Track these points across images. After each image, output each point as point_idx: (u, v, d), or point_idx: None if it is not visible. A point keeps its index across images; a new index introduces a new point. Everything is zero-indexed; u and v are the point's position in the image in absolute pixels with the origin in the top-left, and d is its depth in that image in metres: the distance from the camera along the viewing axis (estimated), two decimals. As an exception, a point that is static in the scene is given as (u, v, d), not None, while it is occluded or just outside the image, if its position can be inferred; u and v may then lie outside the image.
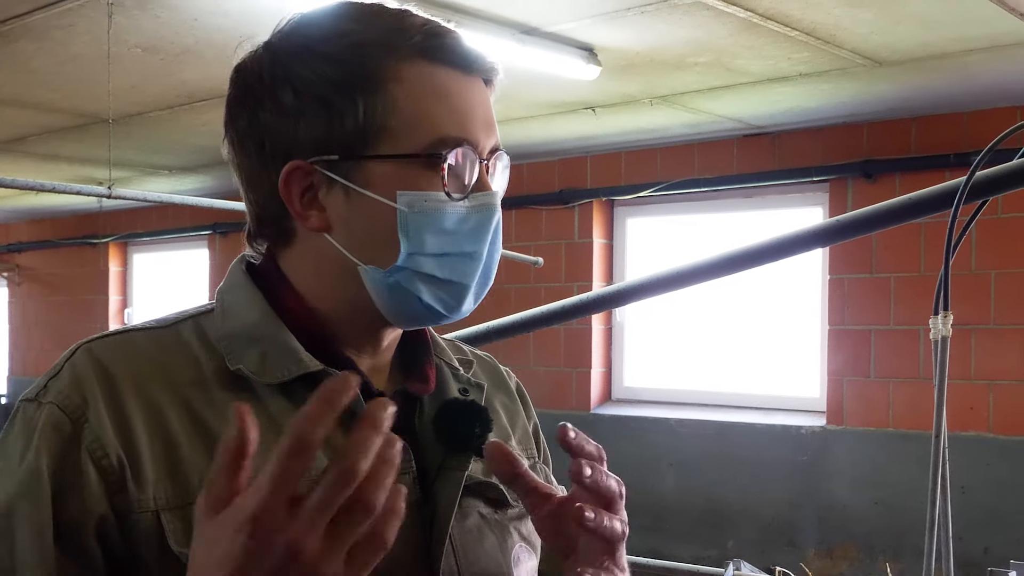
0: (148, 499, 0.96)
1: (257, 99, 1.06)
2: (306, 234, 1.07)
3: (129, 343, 1.06)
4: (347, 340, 1.10)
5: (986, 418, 5.24)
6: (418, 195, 1.03)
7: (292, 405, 1.03)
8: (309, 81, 1.03)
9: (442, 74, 1.04)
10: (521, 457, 1.20)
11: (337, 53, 1.03)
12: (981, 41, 4.06)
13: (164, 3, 3.69)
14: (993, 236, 5.15)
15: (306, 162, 1.04)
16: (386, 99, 1.02)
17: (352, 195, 1.04)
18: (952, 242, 2.02)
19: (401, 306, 1.07)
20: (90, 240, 9.49)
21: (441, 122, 1.03)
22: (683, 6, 3.66)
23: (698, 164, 6.15)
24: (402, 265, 1.04)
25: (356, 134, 1.02)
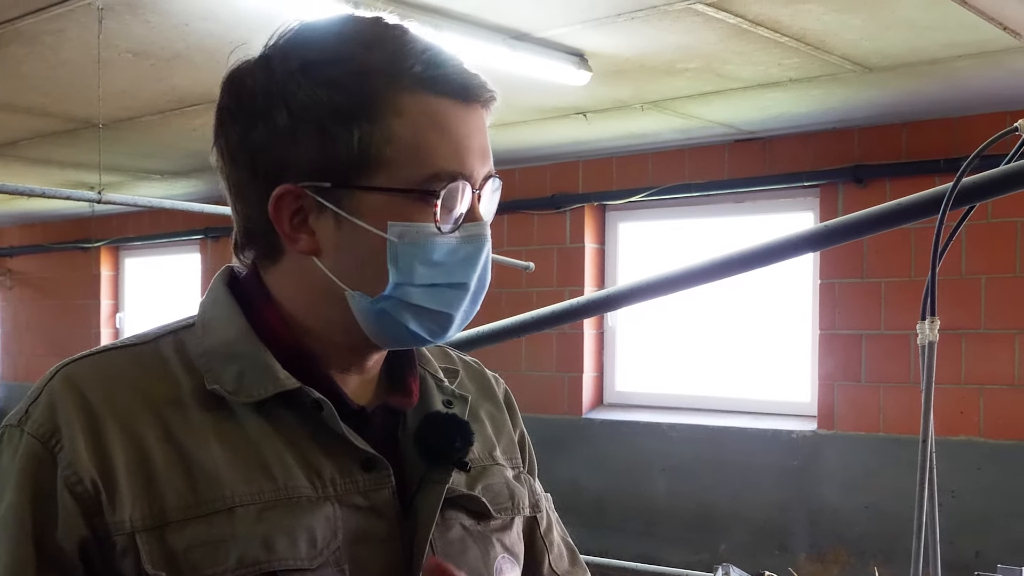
0: (124, 521, 0.97)
1: (250, 115, 1.04)
2: (294, 254, 1.07)
3: (107, 364, 1.06)
4: (333, 358, 1.10)
5: (976, 422, 5.25)
6: (409, 227, 1.02)
7: (270, 423, 1.04)
8: (305, 105, 1.01)
9: (441, 105, 1.03)
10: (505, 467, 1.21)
11: (336, 79, 1.01)
12: (970, 47, 4.08)
13: (155, 8, 3.69)
14: (983, 241, 5.17)
15: (297, 186, 1.03)
16: (384, 130, 1.01)
17: (343, 222, 1.03)
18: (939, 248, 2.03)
19: (387, 332, 1.07)
20: (82, 244, 9.47)
21: (438, 156, 1.02)
22: (673, 12, 3.67)
23: (689, 169, 6.16)
24: (390, 295, 1.04)
25: (351, 163, 1.02)
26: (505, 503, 1.18)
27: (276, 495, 1.00)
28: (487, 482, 1.17)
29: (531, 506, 1.22)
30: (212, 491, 0.99)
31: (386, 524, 1.05)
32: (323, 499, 1.02)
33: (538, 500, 1.24)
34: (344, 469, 1.05)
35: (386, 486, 1.06)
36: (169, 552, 0.96)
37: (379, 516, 1.05)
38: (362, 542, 1.03)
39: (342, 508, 1.03)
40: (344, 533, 1.02)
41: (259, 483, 1.00)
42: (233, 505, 0.98)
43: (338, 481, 1.04)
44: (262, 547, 0.98)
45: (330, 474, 1.04)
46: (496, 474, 1.19)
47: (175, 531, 0.97)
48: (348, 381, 1.11)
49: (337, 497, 1.03)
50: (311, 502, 1.02)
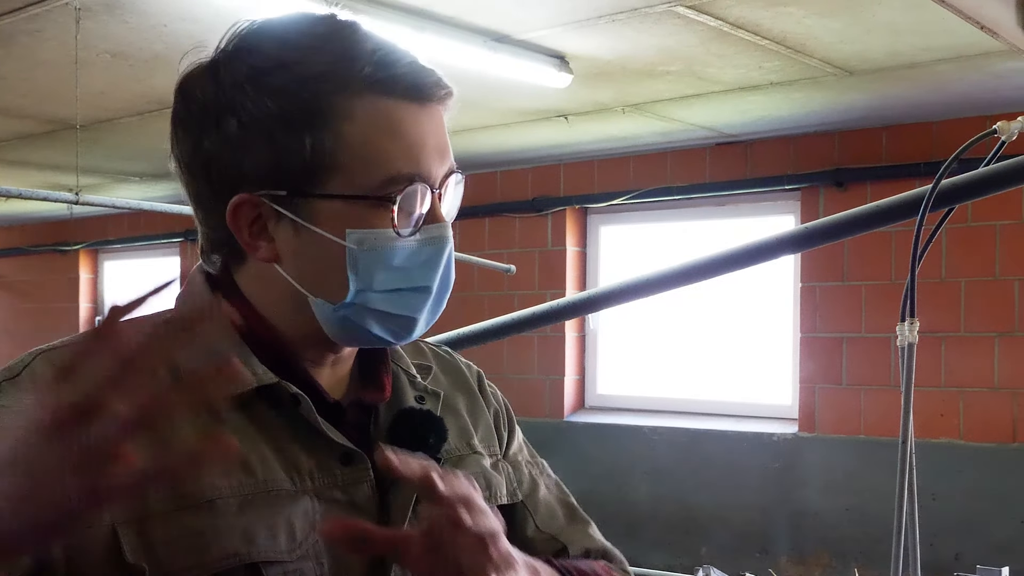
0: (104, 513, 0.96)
1: (201, 125, 1.03)
2: (256, 261, 1.07)
3: None
4: (304, 353, 1.10)
5: (956, 425, 5.27)
6: (368, 233, 1.01)
7: (247, 418, 1.03)
8: (253, 115, 1.00)
9: (393, 108, 1.02)
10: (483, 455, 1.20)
11: (283, 86, 1.00)
12: (949, 51, 4.10)
13: (133, 9, 3.67)
14: (963, 244, 5.19)
15: (254, 195, 1.02)
16: (336, 136, 1.00)
17: (301, 229, 1.03)
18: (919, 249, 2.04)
19: (350, 336, 1.07)
20: (60, 247, 9.41)
21: (392, 159, 1.01)
22: (654, 15, 3.67)
23: (671, 172, 6.17)
24: (351, 301, 1.03)
25: (304, 170, 1.01)
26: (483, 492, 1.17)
27: (255, 488, 1.00)
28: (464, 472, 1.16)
29: (509, 494, 1.22)
30: (192, 484, 0.98)
31: (364, 518, 1.05)
32: (302, 493, 1.02)
33: (515, 488, 1.23)
34: (322, 463, 1.05)
35: (364, 480, 1.06)
36: (149, 544, 0.96)
37: (357, 510, 1.05)
38: None
39: (321, 502, 1.03)
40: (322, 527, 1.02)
41: (238, 477, 1.00)
42: (213, 498, 0.98)
43: (316, 475, 1.04)
44: (242, 539, 0.98)
45: (308, 468, 1.04)
46: (473, 463, 1.18)
47: (155, 523, 0.96)
48: (321, 375, 1.11)
49: (316, 491, 1.03)
50: (290, 496, 1.01)
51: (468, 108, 5.33)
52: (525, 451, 1.30)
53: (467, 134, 5.62)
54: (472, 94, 4.74)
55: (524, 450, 1.29)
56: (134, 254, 9.21)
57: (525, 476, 1.25)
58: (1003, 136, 2.04)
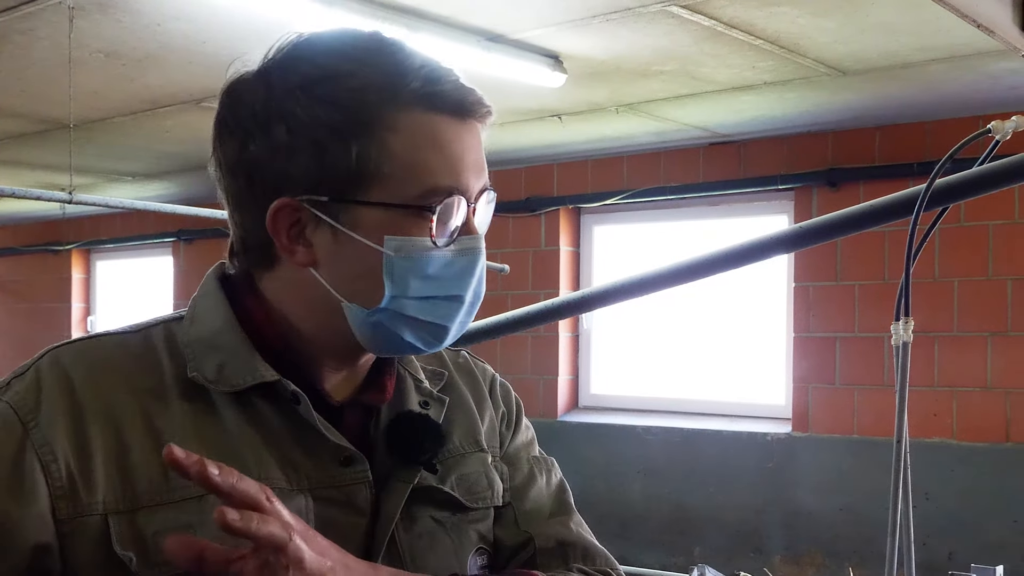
0: (97, 503, 0.99)
1: (248, 131, 1.06)
2: (290, 264, 1.08)
3: (96, 350, 1.08)
4: (323, 359, 1.11)
5: (950, 425, 5.28)
6: (406, 241, 1.04)
7: (247, 413, 1.05)
8: (303, 122, 1.03)
9: (438, 122, 1.04)
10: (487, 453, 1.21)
11: (334, 96, 1.03)
12: (942, 51, 4.10)
13: (126, 8, 3.66)
14: (956, 244, 5.20)
15: (295, 200, 1.04)
16: (381, 146, 1.03)
17: (340, 235, 1.05)
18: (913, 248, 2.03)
19: (382, 342, 1.08)
20: (53, 247, 9.40)
21: (434, 172, 1.04)
22: (648, 14, 3.67)
23: (664, 172, 6.17)
24: (386, 307, 1.05)
25: (348, 178, 1.03)
26: (483, 492, 1.19)
27: None
28: (464, 471, 1.18)
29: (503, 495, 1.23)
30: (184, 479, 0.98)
31: (359, 518, 1.07)
32: (296, 491, 1.04)
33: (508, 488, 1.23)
34: (319, 463, 1.06)
35: (363, 481, 1.07)
36: (139, 535, 0.98)
37: (354, 510, 1.07)
38: (333, 535, 1.03)
39: (315, 501, 1.05)
40: (315, 525, 1.03)
41: None
42: (204, 493, 0.99)
43: (312, 475, 1.05)
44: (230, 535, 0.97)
45: (305, 468, 1.05)
46: (475, 462, 1.20)
47: (145, 515, 0.99)
48: (334, 379, 1.12)
49: (311, 490, 1.05)
50: (284, 494, 1.02)
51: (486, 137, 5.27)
52: (533, 448, 1.31)
53: (461, 134, 5.61)
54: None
55: (532, 446, 1.30)
56: (127, 254, 9.20)
57: (523, 470, 1.26)
58: (997, 135, 2.04)
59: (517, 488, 1.24)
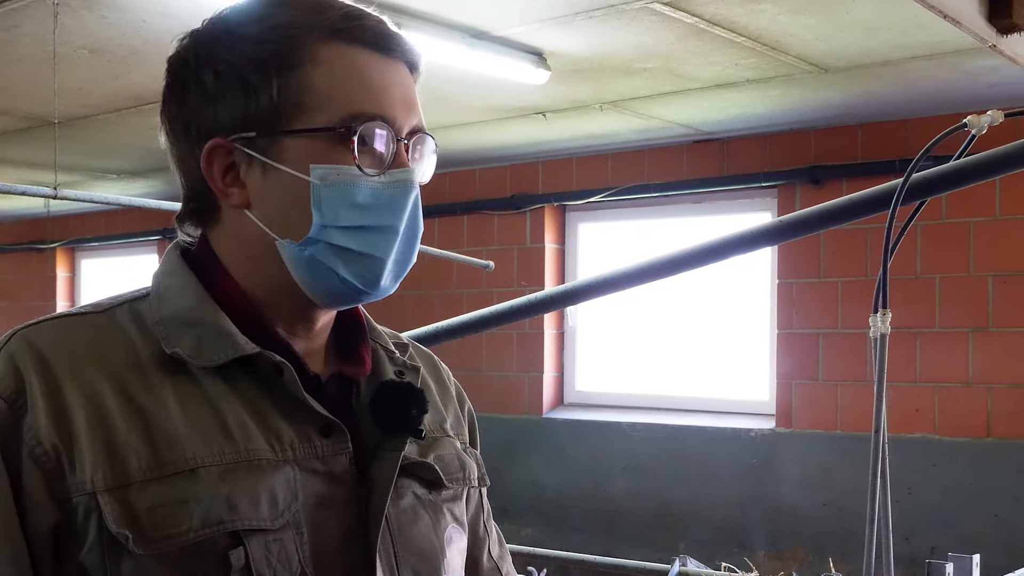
0: (86, 482, 0.98)
1: (183, 84, 1.09)
2: (230, 212, 1.10)
3: (65, 328, 1.08)
4: (279, 321, 1.12)
5: (932, 420, 5.32)
6: (331, 168, 1.05)
7: (228, 387, 1.05)
8: (228, 63, 1.06)
9: (359, 54, 1.07)
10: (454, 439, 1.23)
11: (255, 34, 1.06)
12: (922, 48, 4.14)
13: (111, 4, 3.67)
14: (937, 240, 5.24)
15: (226, 140, 1.07)
16: (301, 78, 1.05)
17: (269, 170, 1.06)
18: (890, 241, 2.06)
19: (319, 281, 1.08)
20: (37, 246, 9.36)
21: (355, 99, 1.06)
22: (630, 11, 3.69)
23: (648, 170, 6.19)
24: (315, 237, 1.06)
25: (272, 111, 1.05)
26: (456, 473, 1.20)
27: (237, 457, 1.02)
28: (438, 452, 1.19)
29: (479, 478, 1.25)
30: (173, 452, 1.00)
31: (343, 490, 1.07)
32: (282, 462, 1.04)
33: (484, 474, 1.27)
34: (302, 434, 1.06)
35: (343, 452, 1.08)
36: (132, 512, 0.98)
37: (336, 481, 1.07)
38: (320, 506, 1.05)
39: (301, 472, 1.05)
40: (304, 496, 1.04)
41: (220, 445, 1.02)
42: (195, 466, 1.00)
43: (297, 445, 1.06)
44: (225, 507, 0.99)
45: (289, 438, 1.05)
46: (447, 445, 1.21)
47: (137, 491, 0.98)
48: (297, 346, 1.12)
49: (296, 461, 1.05)
50: (271, 464, 1.03)
51: (447, 105, 5.37)
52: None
53: (446, 131, 5.63)
54: (451, 91, 4.75)
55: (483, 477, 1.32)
56: (111, 252, 9.17)
57: (488, 485, 1.29)
58: (973, 130, 2.07)
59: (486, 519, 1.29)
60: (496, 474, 1.32)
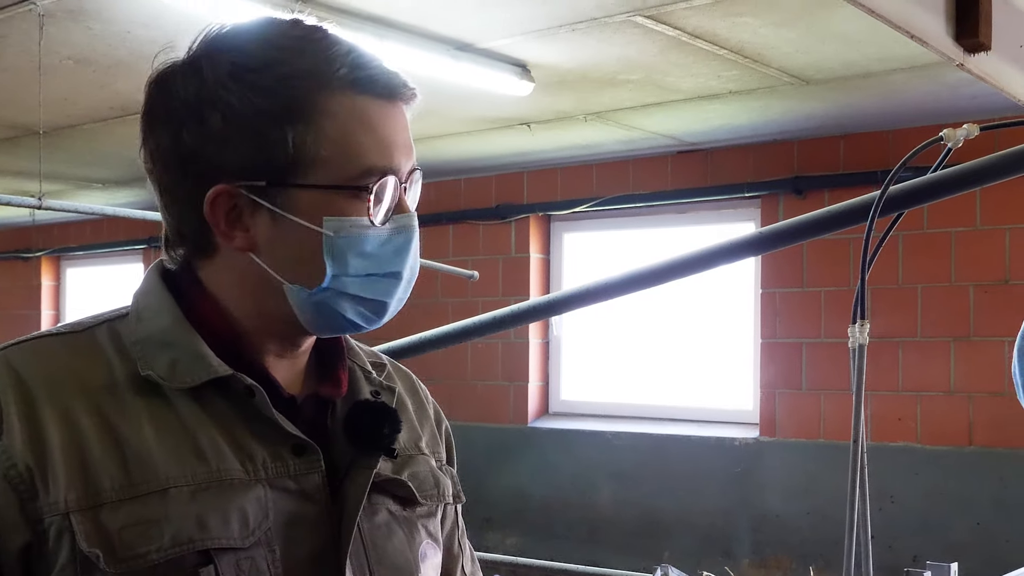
0: (59, 502, 0.99)
1: (181, 120, 1.08)
2: (229, 250, 1.10)
3: (43, 349, 1.08)
4: (264, 346, 1.13)
5: (914, 429, 5.35)
6: (344, 221, 1.07)
7: (203, 409, 1.07)
8: (238, 110, 1.05)
9: (368, 105, 1.08)
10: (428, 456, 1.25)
11: (267, 84, 1.05)
12: (902, 61, 4.17)
13: (96, 15, 3.67)
14: (919, 251, 5.28)
15: (232, 186, 1.07)
16: (317, 131, 1.06)
17: (279, 219, 1.07)
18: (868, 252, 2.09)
19: (324, 321, 1.11)
20: (22, 254, 9.34)
21: (368, 153, 1.07)
22: (613, 24, 3.72)
23: (633, 180, 6.22)
24: (328, 286, 1.08)
25: (286, 163, 1.06)
26: (431, 490, 1.22)
27: (209, 477, 1.03)
28: (413, 469, 1.20)
29: (454, 495, 1.27)
30: (146, 473, 1.01)
31: (315, 508, 1.09)
32: (255, 481, 1.05)
33: (459, 491, 1.29)
34: (275, 453, 1.08)
35: (316, 471, 1.09)
36: (104, 531, 0.99)
37: (309, 500, 1.08)
38: (292, 524, 1.06)
39: (273, 491, 1.06)
40: (275, 515, 1.05)
41: (192, 465, 1.03)
42: (167, 486, 1.01)
43: (269, 465, 1.07)
44: (196, 526, 1.00)
45: (261, 458, 1.07)
46: (422, 463, 1.23)
47: (109, 511, 0.99)
48: (279, 368, 1.14)
49: (268, 480, 1.06)
50: (243, 484, 1.04)
51: (431, 116, 5.38)
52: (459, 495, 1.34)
53: (431, 142, 5.65)
54: (435, 102, 4.77)
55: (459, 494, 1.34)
56: (97, 261, 9.15)
57: (463, 502, 1.31)
58: (949, 143, 2.11)
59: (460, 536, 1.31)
60: (481, 483, 1.34)
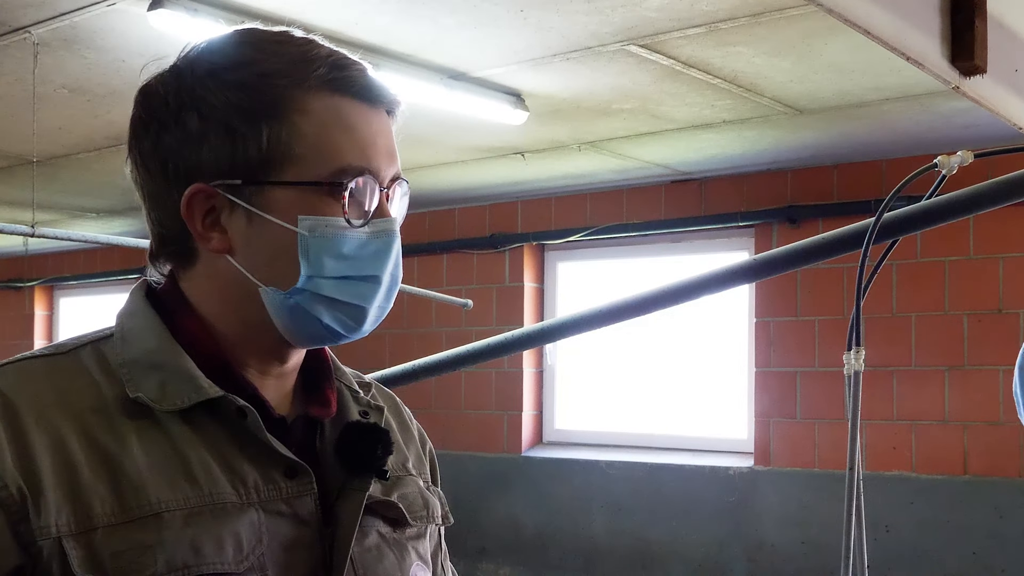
0: (50, 526, 0.97)
1: (161, 122, 1.07)
2: (208, 255, 1.09)
3: (29, 371, 1.07)
4: (250, 363, 1.12)
5: (909, 458, 5.34)
6: (319, 220, 1.05)
7: (193, 431, 1.05)
8: (214, 107, 1.05)
9: (346, 105, 1.07)
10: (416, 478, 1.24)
11: (243, 81, 1.05)
12: (895, 90, 4.20)
13: (91, 44, 3.69)
14: (912, 280, 5.29)
15: (208, 185, 1.06)
16: (291, 128, 1.05)
17: (254, 218, 1.06)
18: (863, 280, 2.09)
19: (301, 327, 1.09)
20: (15, 284, 9.32)
21: (344, 152, 1.06)
22: (607, 53, 3.74)
23: (627, 209, 6.24)
24: (302, 287, 1.06)
25: (259, 160, 1.05)
26: (420, 511, 1.21)
27: (201, 501, 1.02)
28: (402, 491, 1.19)
29: (443, 516, 1.26)
30: (138, 497, 1.00)
31: (308, 531, 1.07)
32: (247, 505, 1.04)
33: (447, 512, 1.27)
34: (267, 476, 1.06)
35: (308, 493, 1.08)
36: (97, 557, 0.97)
37: (301, 523, 1.07)
38: (285, 548, 1.05)
39: (266, 514, 1.05)
40: (268, 539, 1.04)
41: (184, 489, 1.02)
42: (160, 511, 1.00)
43: (261, 488, 1.06)
44: (190, 551, 0.99)
45: (253, 481, 1.05)
46: (410, 484, 1.22)
47: (102, 536, 0.98)
48: (266, 387, 1.12)
49: (261, 503, 1.05)
50: (236, 508, 1.03)
51: (426, 145, 5.40)
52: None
53: (425, 171, 5.66)
54: (429, 131, 4.78)
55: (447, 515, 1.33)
56: (89, 291, 9.14)
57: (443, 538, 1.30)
58: (943, 170, 2.10)
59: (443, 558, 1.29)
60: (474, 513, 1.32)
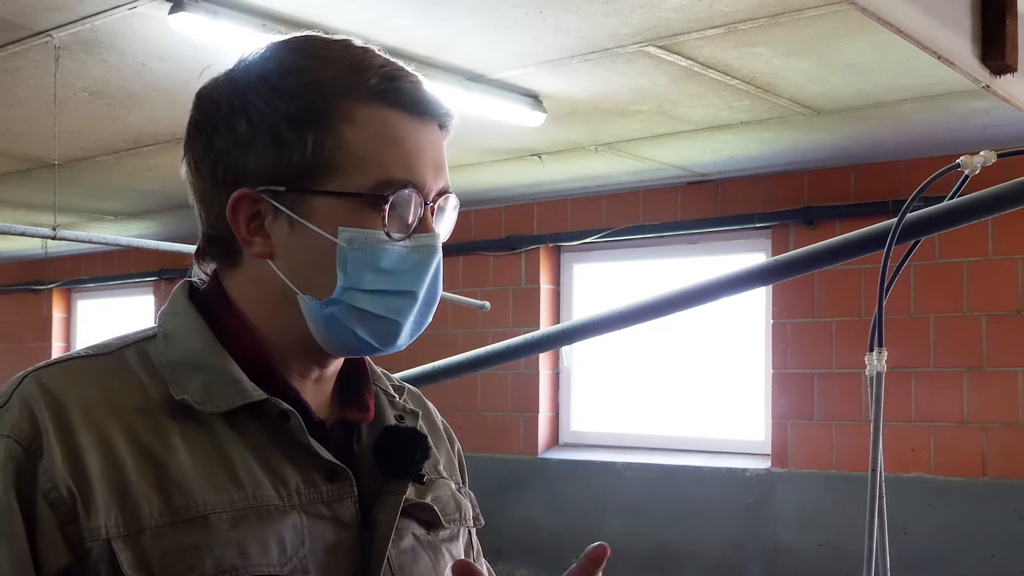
0: (99, 528, 0.98)
1: (213, 126, 1.08)
2: (251, 258, 1.10)
3: (76, 371, 1.07)
4: (292, 367, 1.12)
5: (927, 460, 5.32)
6: (359, 232, 1.05)
7: (236, 433, 1.06)
8: (263, 113, 1.05)
9: (394, 117, 1.07)
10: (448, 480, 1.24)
11: (292, 88, 1.06)
12: (914, 90, 4.18)
13: (111, 48, 3.70)
14: (931, 281, 5.27)
15: (254, 190, 1.07)
16: (336, 137, 1.05)
17: (296, 226, 1.06)
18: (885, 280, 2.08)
19: (336, 337, 1.09)
20: (33, 287, 9.37)
21: (389, 164, 1.06)
22: (625, 55, 3.73)
23: (643, 211, 6.23)
24: (337, 298, 1.06)
25: (303, 168, 1.05)
26: (453, 514, 1.22)
27: (246, 504, 1.03)
28: (436, 493, 1.20)
29: (474, 518, 1.27)
30: (185, 499, 1.01)
31: (348, 533, 1.08)
32: (290, 508, 1.05)
33: (478, 513, 1.28)
34: (308, 479, 1.07)
35: (348, 496, 1.09)
36: (146, 558, 0.98)
37: (341, 526, 1.08)
38: (327, 551, 1.06)
39: (308, 517, 1.06)
40: (310, 541, 1.05)
41: (229, 492, 1.02)
42: (207, 513, 1.00)
43: (303, 491, 1.06)
44: (237, 554, 1.00)
45: (295, 484, 1.06)
46: (443, 487, 1.23)
47: (151, 538, 0.98)
48: (306, 391, 1.13)
49: (303, 506, 1.06)
50: (279, 511, 1.04)
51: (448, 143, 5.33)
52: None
53: (442, 172, 5.65)
54: (447, 133, 4.78)
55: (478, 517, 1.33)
56: (107, 293, 9.18)
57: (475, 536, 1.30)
58: (966, 170, 2.10)
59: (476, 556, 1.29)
60: (491, 514, 1.33)
